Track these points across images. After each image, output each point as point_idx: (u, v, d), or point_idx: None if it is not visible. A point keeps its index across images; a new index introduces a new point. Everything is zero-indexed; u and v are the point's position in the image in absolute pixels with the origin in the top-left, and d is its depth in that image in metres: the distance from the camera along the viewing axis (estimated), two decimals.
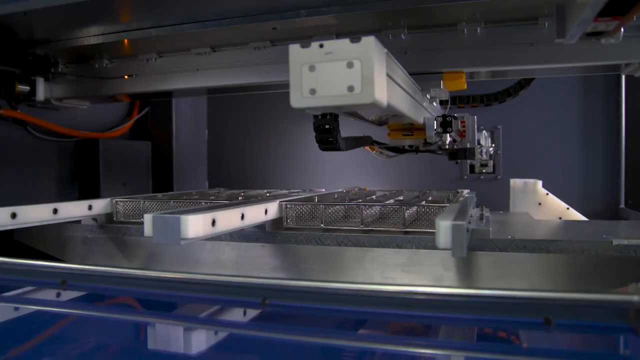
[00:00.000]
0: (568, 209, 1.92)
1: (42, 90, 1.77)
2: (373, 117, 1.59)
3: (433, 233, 0.96)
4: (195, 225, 0.90)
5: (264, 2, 1.30)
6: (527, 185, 1.95)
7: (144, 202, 1.44)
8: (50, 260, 1.29)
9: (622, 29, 0.98)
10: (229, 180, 2.76)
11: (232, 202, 1.27)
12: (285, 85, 0.77)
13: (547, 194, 1.94)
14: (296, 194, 1.68)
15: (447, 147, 1.49)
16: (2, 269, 0.95)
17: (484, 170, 2.54)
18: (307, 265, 1.24)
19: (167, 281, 0.85)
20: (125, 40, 1.52)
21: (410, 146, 1.60)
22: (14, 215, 1.17)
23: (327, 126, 1.29)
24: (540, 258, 1.09)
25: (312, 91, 0.75)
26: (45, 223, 1.27)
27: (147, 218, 0.91)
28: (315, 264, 1.23)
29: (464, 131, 1.45)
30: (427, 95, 1.36)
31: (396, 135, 1.57)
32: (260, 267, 1.27)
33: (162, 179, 2.48)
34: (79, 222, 1.43)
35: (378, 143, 1.68)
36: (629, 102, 2.35)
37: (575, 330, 0.67)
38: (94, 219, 1.43)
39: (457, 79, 1.41)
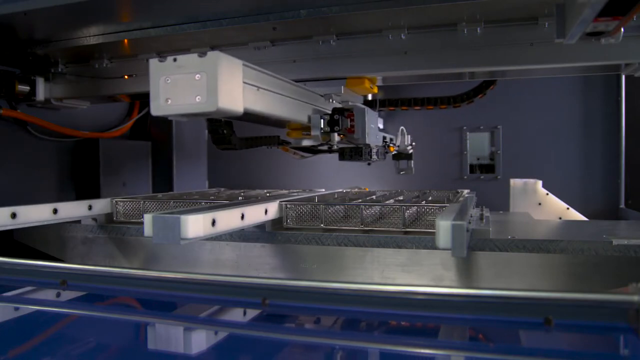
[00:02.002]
0: (568, 209, 1.92)
1: (42, 90, 1.77)
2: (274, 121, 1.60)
3: (433, 233, 0.96)
4: (195, 225, 0.90)
5: (264, 2, 1.30)
6: (527, 185, 1.95)
7: (144, 202, 1.44)
8: (50, 260, 1.30)
9: (622, 29, 0.98)
10: (229, 180, 2.76)
11: (232, 202, 1.27)
12: None
13: (547, 194, 1.94)
14: (296, 194, 1.67)
15: (336, 146, 1.43)
16: (2, 269, 0.95)
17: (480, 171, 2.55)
18: (307, 265, 1.24)
19: (167, 281, 0.85)
20: (125, 40, 1.52)
21: (314, 146, 1.60)
22: (14, 215, 1.17)
23: (220, 128, 1.44)
24: (540, 258, 1.09)
25: (167, 100, 0.87)
26: (45, 223, 1.27)
27: (147, 218, 0.91)
28: (315, 264, 1.23)
29: (353, 127, 1.33)
30: (331, 100, 1.39)
31: (296, 134, 1.56)
32: (260, 267, 1.27)
33: (162, 179, 2.49)
34: (79, 222, 1.43)
35: (286, 143, 1.67)
36: (629, 102, 2.35)
37: (575, 330, 0.67)
38: (94, 219, 1.43)
39: (360, 84, 1.44)
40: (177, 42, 1.56)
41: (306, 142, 1.62)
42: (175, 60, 0.86)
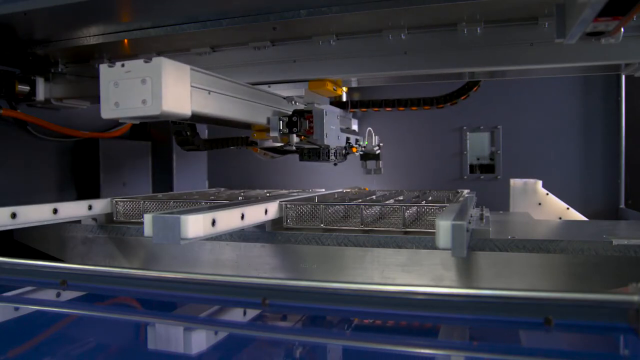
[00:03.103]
0: (568, 209, 1.92)
1: (42, 90, 1.77)
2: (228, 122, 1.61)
3: (433, 233, 0.96)
4: (195, 225, 0.90)
5: (264, 2, 1.30)
6: (527, 185, 1.95)
7: (144, 202, 1.44)
8: (50, 260, 1.30)
9: (622, 29, 0.98)
10: (229, 180, 2.76)
11: (232, 202, 1.27)
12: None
13: (547, 194, 1.94)
14: (296, 194, 1.67)
15: (293, 147, 1.44)
16: (2, 269, 0.95)
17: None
18: (307, 265, 1.24)
19: (167, 281, 0.85)
20: (125, 40, 1.52)
21: (281, 146, 1.61)
22: (14, 215, 1.17)
23: (183, 130, 1.53)
24: (540, 258, 1.09)
25: (117, 104, 0.91)
26: (45, 223, 1.27)
27: (147, 218, 0.91)
28: (315, 264, 1.23)
29: (312, 128, 1.33)
30: (294, 102, 1.42)
31: (260, 135, 1.56)
32: (260, 267, 1.27)
33: (162, 179, 2.49)
34: (79, 222, 1.43)
35: (253, 143, 1.67)
36: (629, 102, 2.35)
37: (575, 330, 0.67)
38: (94, 219, 1.43)
39: (322, 86, 1.47)
40: (177, 42, 1.56)
41: (272, 143, 1.63)
42: (123, 65, 0.90)
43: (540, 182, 1.95)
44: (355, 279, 1.19)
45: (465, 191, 1.78)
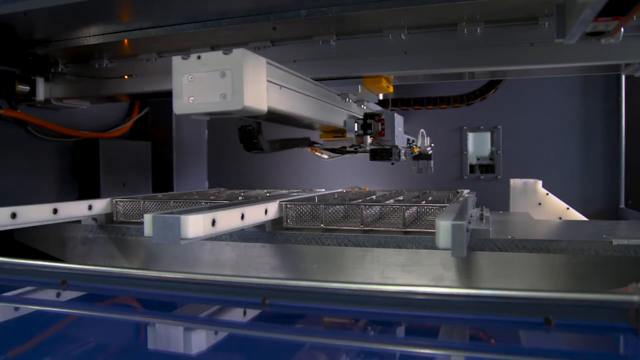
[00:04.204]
0: (568, 209, 1.92)
1: (42, 90, 1.77)
2: (304, 122, 1.61)
3: (433, 233, 0.96)
4: (195, 225, 0.90)
5: (264, 2, 1.30)
6: (527, 185, 1.95)
7: (144, 202, 1.44)
8: (50, 260, 1.29)
9: (622, 29, 0.98)
10: (229, 180, 2.76)
11: (232, 202, 1.27)
12: None
13: (547, 194, 1.94)
14: (296, 194, 1.67)
15: (369, 148, 1.49)
16: (2, 269, 0.95)
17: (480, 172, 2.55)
18: (307, 265, 1.24)
19: (167, 281, 0.85)
20: (125, 40, 1.52)
21: (343, 147, 1.63)
22: (14, 215, 1.17)
23: (248, 128, 1.42)
24: (540, 258, 1.09)
25: (191, 99, 0.84)
26: (45, 223, 1.27)
27: (147, 218, 0.91)
28: (315, 264, 1.23)
29: (383, 130, 1.43)
30: (348, 99, 1.40)
31: (327, 136, 1.60)
32: (260, 267, 1.27)
33: (162, 179, 2.49)
34: (79, 222, 1.43)
35: (315, 144, 1.70)
36: (629, 102, 2.35)
37: (575, 330, 0.67)
38: (94, 219, 1.43)
39: (377, 83, 1.46)
40: (177, 42, 1.56)
41: (334, 144, 1.64)
42: (199, 57, 0.83)
43: (540, 182, 1.95)
44: (355, 279, 1.19)
45: (465, 191, 1.78)
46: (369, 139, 1.40)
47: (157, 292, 0.86)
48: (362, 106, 1.50)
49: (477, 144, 2.57)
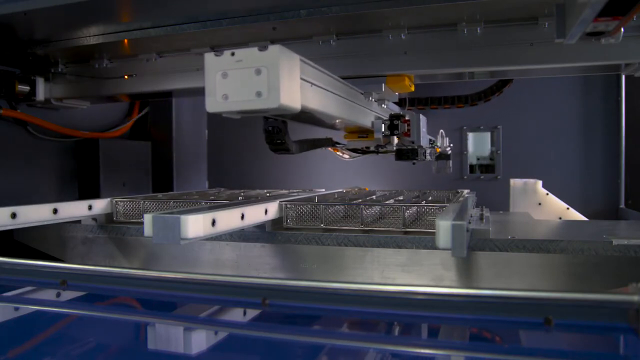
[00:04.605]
0: (568, 209, 1.92)
1: (42, 90, 1.77)
2: (329, 122, 1.61)
3: (433, 233, 0.96)
4: (195, 225, 0.90)
5: (264, 2, 1.30)
6: (527, 185, 1.95)
7: (144, 202, 1.44)
8: (50, 260, 1.30)
9: (622, 29, 0.98)
10: (229, 180, 2.76)
11: (232, 202, 1.27)
12: None
13: (547, 194, 1.94)
14: (296, 194, 1.68)
15: (395, 148, 1.52)
16: (2, 269, 0.95)
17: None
18: (307, 265, 1.24)
19: (167, 281, 0.85)
20: (125, 40, 1.52)
21: (367, 147, 1.64)
22: (14, 215, 1.17)
23: (275, 129, 1.37)
24: (540, 258, 1.09)
25: (225, 97, 0.80)
26: (45, 223, 1.27)
27: (147, 218, 0.91)
28: (315, 264, 1.23)
29: (409, 130, 1.47)
30: (371, 98, 1.40)
31: (352, 137, 1.61)
32: (260, 267, 1.27)
33: (162, 179, 2.49)
34: (79, 222, 1.43)
35: (338, 144, 1.70)
36: (629, 102, 2.35)
37: (575, 330, 0.67)
38: (94, 219, 1.43)
39: (400, 81, 1.46)
40: (177, 42, 1.56)
41: (359, 145, 1.65)
42: (233, 54, 0.80)
43: (540, 182, 1.95)
44: (355, 279, 1.19)
45: (465, 191, 1.78)
46: (395, 140, 1.44)
47: (157, 292, 0.86)
48: (383, 105, 1.50)
49: (477, 144, 2.57)
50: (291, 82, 0.82)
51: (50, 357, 0.64)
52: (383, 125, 1.41)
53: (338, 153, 1.80)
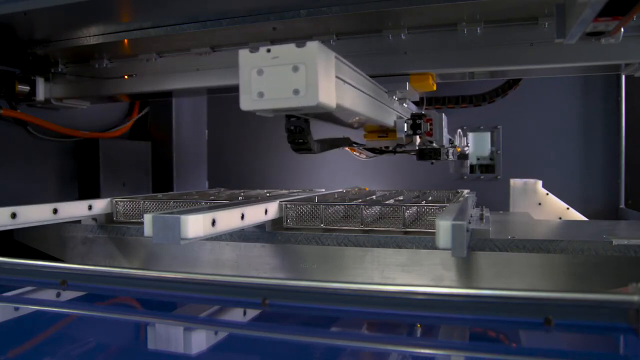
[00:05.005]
0: (568, 209, 1.92)
1: (42, 90, 1.77)
2: (352, 120, 1.60)
3: (433, 233, 0.96)
4: (195, 225, 0.90)
5: (264, 2, 1.30)
6: (527, 185, 1.95)
7: (144, 202, 1.44)
8: (50, 260, 1.29)
9: (622, 29, 0.98)
10: (229, 180, 2.76)
11: (232, 202, 1.27)
12: None
13: (547, 194, 1.94)
14: (296, 194, 1.68)
15: (417, 147, 1.51)
16: (2, 269, 0.95)
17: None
18: (307, 265, 1.24)
19: (167, 281, 0.85)
20: (125, 40, 1.52)
21: (387, 147, 1.63)
22: (14, 215, 1.17)
23: (298, 128, 1.34)
24: (540, 258, 1.09)
25: (260, 94, 0.77)
26: (45, 223, 1.27)
27: (147, 218, 0.91)
28: (315, 264, 1.23)
29: (432, 130, 1.46)
30: (394, 97, 1.39)
31: (372, 136, 1.60)
32: (260, 267, 1.27)
33: (162, 179, 2.49)
34: (79, 222, 1.43)
35: (356, 144, 1.69)
36: (629, 102, 2.35)
37: (575, 330, 0.67)
38: (94, 219, 1.43)
39: (424, 80, 1.44)
40: (177, 42, 1.56)
41: (379, 144, 1.64)
42: (268, 50, 0.78)
43: (540, 182, 1.95)
44: (355, 279, 1.19)
45: (465, 191, 1.78)
46: (418, 139, 1.42)
47: (157, 292, 0.86)
48: (404, 104, 1.50)
49: (477, 144, 2.57)
50: (327, 79, 0.79)
51: (50, 357, 0.64)
52: (405, 124, 1.38)
53: (355, 153, 1.79)
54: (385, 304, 0.74)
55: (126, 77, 1.72)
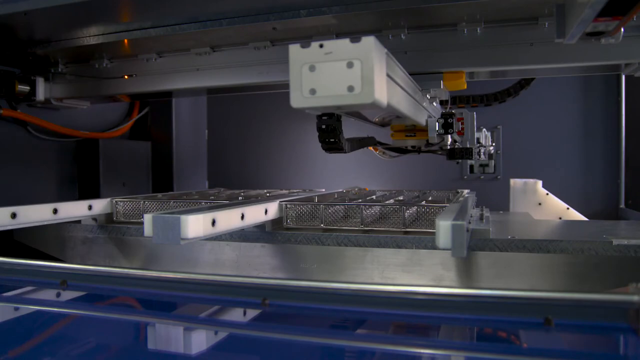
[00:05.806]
0: (568, 209, 1.92)
1: (42, 90, 1.77)
2: (376, 119, 1.59)
3: (433, 233, 0.96)
4: (195, 225, 0.90)
5: (264, 2, 1.30)
6: (527, 185, 1.95)
7: (144, 202, 1.44)
8: (50, 260, 1.29)
9: (622, 29, 0.98)
10: (229, 180, 2.76)
11: (232, 202, 1.27)
12: (285, 86, 0.77)
13: (547, 194, 1.94)
14: (296, 194, 1.68)
15: (449, 147, 1.50)
16: (2, 269, 0.95)
17: (483, 171, 2.55)
18: (307, 265, 1.24)
19: (167, 281, 0.85)
20: (125, 40, 1.52)
21: (413, 146, 1.62)
22: (14, 215, 1.17)
23: (330, 127, 1.30)
24: (540, 258, 1.09)
25: (312, 91, 0.74)
26: (45, 223, 1.27)
27: (147, 218, 0.91)
28: (315, 264, 1.23)
29: (463, 129, 1.45)
30: (427, 95, 1.37)
31: (399, 136, 1.59)
32: (260, 267, 1.27)
33: (162, 179, 2.49)
34: (79, 222, 1.43)
35: (381, 144, 1.69)
36: (629, 102, 2.35)
37: (575, 330, 0.67)
38: (94, 219, 1.43)
39: (458, 79, 1.42)
40: (177, 42, 1.56)
41: (406, 144, 1.64)
42: (321, 46, 0.74)
43: (540, 182, 1.95)
44: (355, 279, 1.19)
45: (465, 191, 1.78)
46: (449, 139, 1.41)
47: (157, 292, 0.86)
48: (434, 103, 1.49)
49: None
50: (381, 76, 0.76)
51: (50, 357, 0.64)
52: (437, 123, 1.36)
53: (377, 153, 1.79)
54: (385, 304, 0.74)
55: (126, 77, 1.72)
